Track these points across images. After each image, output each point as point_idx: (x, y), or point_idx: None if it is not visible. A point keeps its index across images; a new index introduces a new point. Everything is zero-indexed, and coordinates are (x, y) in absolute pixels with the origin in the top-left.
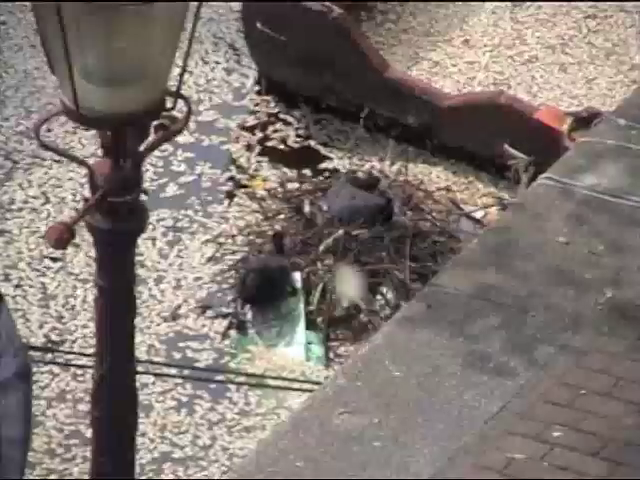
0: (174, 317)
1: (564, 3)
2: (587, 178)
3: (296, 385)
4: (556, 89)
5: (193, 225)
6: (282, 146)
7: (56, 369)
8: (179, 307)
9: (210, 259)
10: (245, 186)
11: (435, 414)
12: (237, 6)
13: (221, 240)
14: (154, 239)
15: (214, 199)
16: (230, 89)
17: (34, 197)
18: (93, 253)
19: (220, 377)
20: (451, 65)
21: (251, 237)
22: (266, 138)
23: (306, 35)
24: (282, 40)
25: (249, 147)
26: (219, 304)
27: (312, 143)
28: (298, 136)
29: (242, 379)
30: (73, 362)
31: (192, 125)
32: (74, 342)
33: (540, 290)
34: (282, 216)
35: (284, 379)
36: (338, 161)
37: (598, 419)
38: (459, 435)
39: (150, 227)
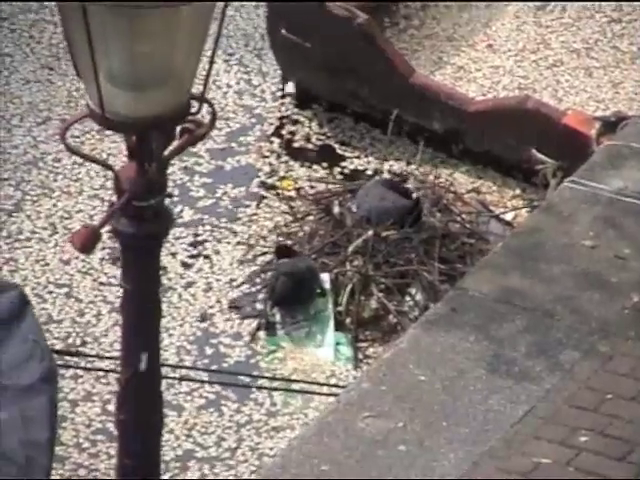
0: (204, 318)
1: (588, 6)
2: (613, 181)
3: (324, 389)
4: (582, 93)
5: (224, 227)
6: (307, 145)
7: (81, 372)
8: (210, 308)
9: (241, 262)
10: (274, 187)
11: (460, 418)
12: (262, 12)
13: (252, 242)
14: (186, 242)
15: (244, 201)
16: (255, 94)
17: (42, 228)
18: (101, 279)
19: (248, 380)
20: (475, 70)
21: (281, 238)
22: (290, 141)
23: (331, 41)
24: (307, 46)
25: (275, 150)
26: (249, 305)
27: (332, 143)
28: (318, 139)
29: (270, 382)
30: (98, 366)
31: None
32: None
33: (566, 294)
34: (311, 217)
35: (311, 382)
36: (358, 161)
37: (624, 424)
38: (484, 439)
39: (181, 231)
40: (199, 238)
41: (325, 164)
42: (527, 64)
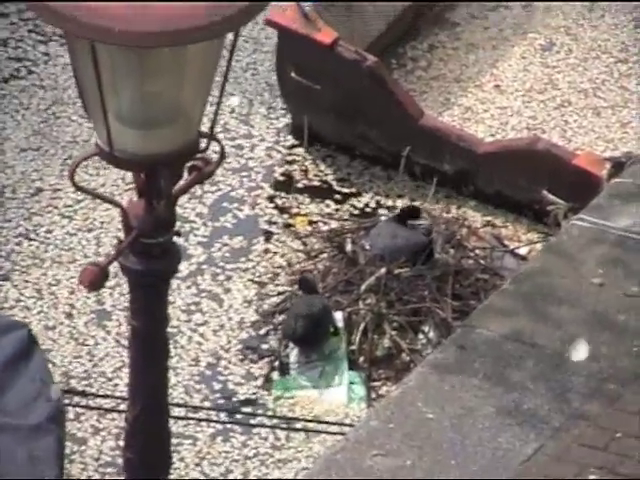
0: (216, 358)
1: (594, 47)
2: (621, 219)
3: (335, 429)
4: (590, 133)
5: (236, 264)
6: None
7: (88, 411)
8: (221, 349)
9: (252, 300)
10: (289, 225)
11: (469, 456)
12: (272, 56)
13: (264, 280)
14: (197, 279)
15: (256, 237)
16: (264, 137)
17: (28, 297)
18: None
19: (258, 421)
20: (483, 110)
21: (294, 277)
22: (297, 180)
23: (340, 83)
24: (316, 89)
25: (288, 189)
26: (262, 345)
27: (332, 181)
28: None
29: (281, 423)
30: (106, 406)
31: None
32: None
33: (575, 333)
34: (325, 255)
35: (322, 422)
36: (365, 200)
37: (634, 462)
38: (493, 478)
39: (194, 268)
40: (212, 277)
41: (333, 203)
42: (535, 104)
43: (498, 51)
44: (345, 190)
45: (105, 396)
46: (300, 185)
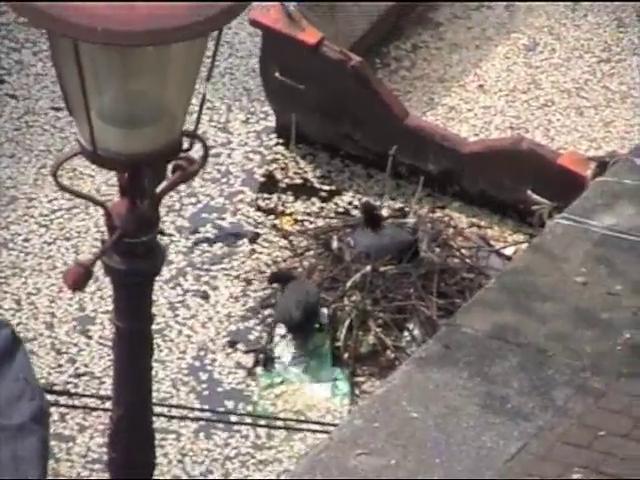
0: (201, 352)
1: (577, 47)
2: (604, 218)
3: (319, 427)
4: (574, 132)
5: (223, 262)
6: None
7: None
8: (208, 342)
9: (238, 296)
10: (274, 225)
11: (453, 455)
12: (247, 60)
13: (250, 277)
14: (185, 275)
15: (242, 236)
16: (245, 141)
17: (6, 309)
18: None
19: (240, 418)
20: (467, 110)
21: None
22: (280, 181)
23: (325, 84)
24: (301, 89)
25: (272, 189)
26: (247, 340)
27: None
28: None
29: (264, 422)
30: (91, 404)
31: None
32: None
33: (558, 331)
34: (311, 252)
35: (306, 421)
36: (348, 198)
37: (618, 461)
38: (477, 477)
39: (181, 265)
40: (198, 275)
41: (318, 201)
42: (518, 104)
43: (481, 51)
44: (329, 189)
45: (90, 395)
46: (284, 185)
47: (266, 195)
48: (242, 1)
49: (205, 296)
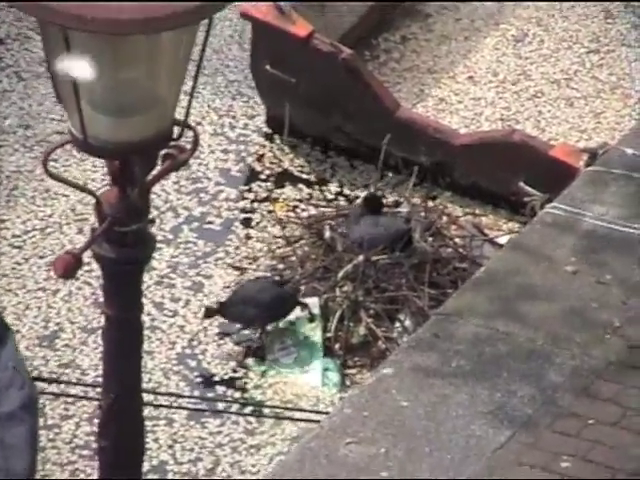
0: (193, 342)
1: (566, 38)
2: (594, 207)
3: (311, 415)
4: (564, 124)
5: (216, 250)
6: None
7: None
8: (199, 332)
9: (232, 285)
10: (270, 211)
11: (442, 444)
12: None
13: (244, 265)
14: (177, 264)
15: (236, 225)
16: (238, 128)
17: None
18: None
19: (230, 406)
20: (457, 102)
21: (274, 262)
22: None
23: (316, 76)
24: (291, 82)
25: (262, 180)
26: (238, 330)
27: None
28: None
29: (254, 409)
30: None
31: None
32: None
33: (548, 318)
34: (304, 241)
35: (297, 409)
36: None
37: (607, 449)
38: (467, 465)
39: (175, 252)
40: (192, 260)
41: (309, 193)
42: (508, 95)
43: (470, 42)
44: (318, 180)
45: (76, 384)
46: (274, 176)
47: (256, 186)
48: None
49: (198, 285)
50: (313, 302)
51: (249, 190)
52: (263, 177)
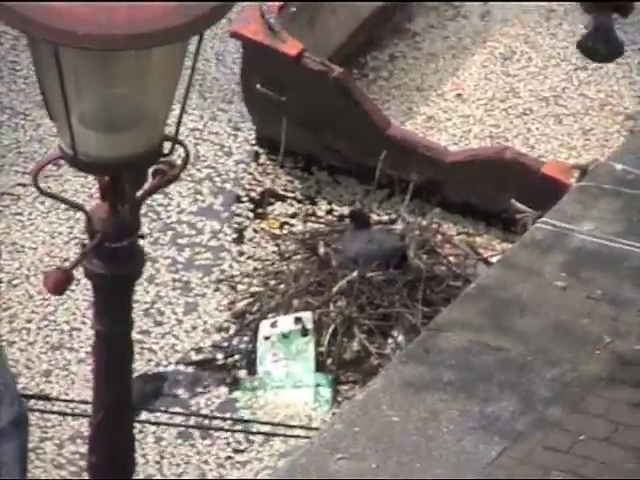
0: (185, 357)
1: (554, 55)
2: (584, 223)
3: (299, 432)
4: (553, 141)
5: (207, 265)
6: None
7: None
8: (192, 348)
9: (224, 301)
10: (261, 228)
11: (433, 460)
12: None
13: (237, 280)
14: (173, 279)
15: (229, 240)
16: (228, 149)
17: None
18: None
19: (220, 423)
20: (445, 119)
21: (266, 278)
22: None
23: (306, 95)
24: (282, 100)
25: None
26: (231, 345)
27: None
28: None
29: (243, 426)
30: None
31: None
32: None
33: (538, 334)
34: (298, 256)
35: (287, 425)
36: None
37: (598, 465)
38: None
39: (168, 266)
40: (183, 278)
41: (302, 212)
42: (497, 113)
43: (458, 60)
44: (306, 196)
45: (66, 400)
46: (262, 194)
47: (245, 204)
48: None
49: (191, 302)
50: (307, 316)
51: (238, 207)
52: (252, 194)
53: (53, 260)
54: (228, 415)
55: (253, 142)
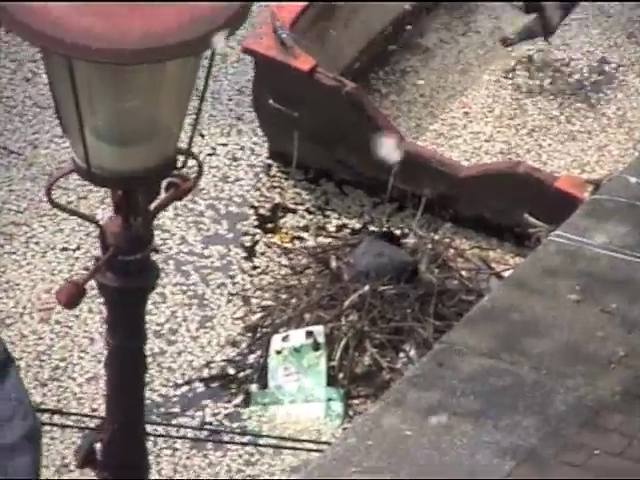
0: (198, 372)
1: (566, 72)
2: (598, 236)
3: (311, 446)
4: (566, 157)
5: (221, 279)
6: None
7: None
8: (204, 363)
9: (237, 315)
10: (273, 243)
11: (447, 474)
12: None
13: (249, 294)
14: (185, 292)
15: (242, 254)
16: (240, 164)
17: None
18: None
19: (231, 437)
20: (455, 136)
21: (278, 292)
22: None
23: (319, 110)
24: (295, 116)
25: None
26: (243, 359)
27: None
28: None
29: (255, 440)
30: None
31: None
32: None
33: (553, 347)
34: (310, 270)
35: (298, 440)
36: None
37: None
38: None
39: (180, 280)
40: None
41: (315, 225)
42: (506, 129)
43: (468, 76)
44: (315, 208)
45: (80, 414)
46: (273, 207)
47: (256, 218)
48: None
49: (204, 316)
50: (318, 330)
51: (244, 226)
52: (260, 211)
53: (52, 298)
54: (239, 429)
55: (264, 157)
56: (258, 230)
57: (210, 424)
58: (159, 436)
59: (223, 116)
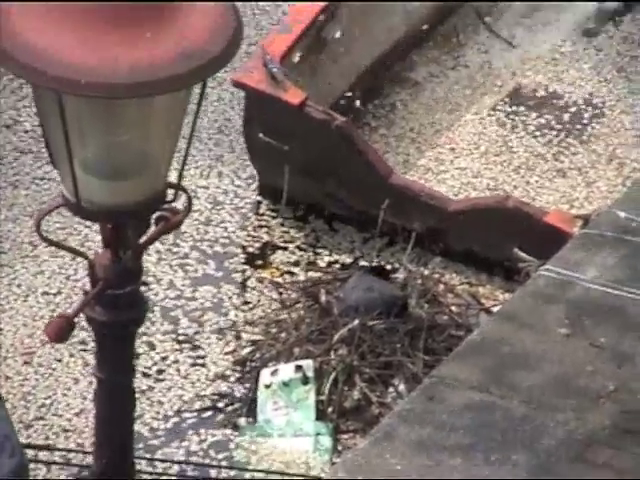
0: (185, 406)
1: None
2: (587, 270)
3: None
4: (554, 193)
5: (214, 318)
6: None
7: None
8: (193, 396)
9: (226, 349)
10: (264, 278)
11: None
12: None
13: (239, 329)
14: (174, 338)
15: (234, 290)
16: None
17: None
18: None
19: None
20: (442, 171)
21: (268, 326)
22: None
23: (309, 144)
24: (285, 149)
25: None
26: (231, 392)
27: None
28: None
29: (243, 474)
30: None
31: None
32: None
33: (542, 382)
34: (299, 305)
35: (288, 474)
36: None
37: None
38: None
39: (168, 327)
40: (185, 326)
41: (305, 261)
42: (493, 166)
43: (457, 111)
44: (316, 249)
45: (67, 450)
46: (268, 246)
47: (246, 252)
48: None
49: (194, 348)
50: (307, 365)
51: (238, 259)
52: (251, 247)
53: (34, 341)
54: (226, 462)
55: (250, 199)
56: (247, 267)
57: (197, 455)
58: (147, 473)
59: (202, 156)
